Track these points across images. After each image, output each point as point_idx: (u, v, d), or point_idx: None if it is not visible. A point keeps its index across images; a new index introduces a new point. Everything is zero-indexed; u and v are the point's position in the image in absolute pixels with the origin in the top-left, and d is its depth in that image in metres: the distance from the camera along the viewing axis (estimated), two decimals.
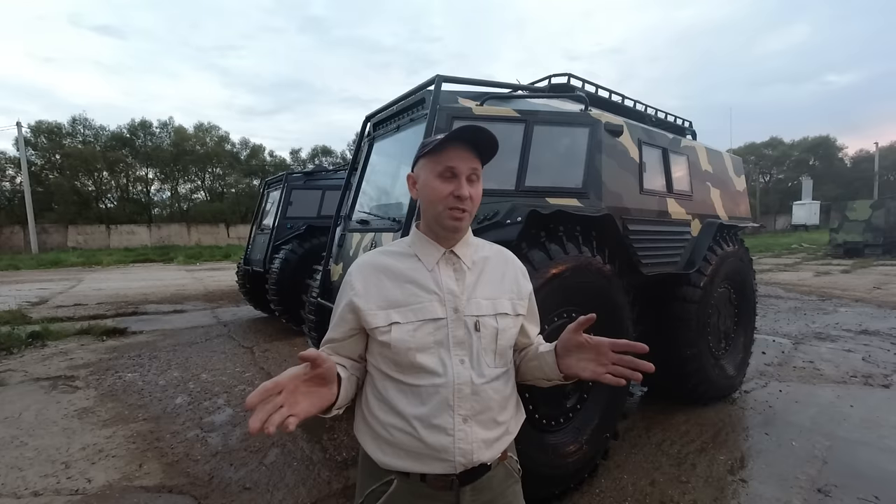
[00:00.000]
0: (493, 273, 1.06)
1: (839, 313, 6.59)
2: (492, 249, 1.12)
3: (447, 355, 0.97)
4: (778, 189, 46.63)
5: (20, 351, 5.21)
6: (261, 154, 38.05)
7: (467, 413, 0.96)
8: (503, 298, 1.05)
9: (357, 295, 0.99)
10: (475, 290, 1.02)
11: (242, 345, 5.45)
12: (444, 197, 0.97)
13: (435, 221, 1.00)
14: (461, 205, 0.96)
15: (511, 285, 1.08)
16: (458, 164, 0.96)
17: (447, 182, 0.97)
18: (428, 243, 1.03)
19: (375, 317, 0.97)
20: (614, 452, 2.62)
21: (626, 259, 2.53)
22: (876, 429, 2.90)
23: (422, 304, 0.98)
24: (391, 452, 0.97)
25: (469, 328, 0.99)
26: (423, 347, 0.96)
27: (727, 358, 3.41)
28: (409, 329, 0.96)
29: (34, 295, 9.74)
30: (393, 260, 1.03)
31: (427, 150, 0.99)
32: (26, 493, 2.37)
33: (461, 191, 0.96)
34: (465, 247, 1.05)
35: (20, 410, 3.46)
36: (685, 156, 3.23)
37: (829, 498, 2.20)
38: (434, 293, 0.99)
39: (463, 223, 0.99)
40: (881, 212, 15.11)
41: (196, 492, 2.39)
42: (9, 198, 29.17)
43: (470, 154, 0.98)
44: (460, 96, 2.55)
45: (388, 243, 1.11)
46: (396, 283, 1.00)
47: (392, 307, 0.98)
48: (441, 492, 0.96)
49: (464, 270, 1.03)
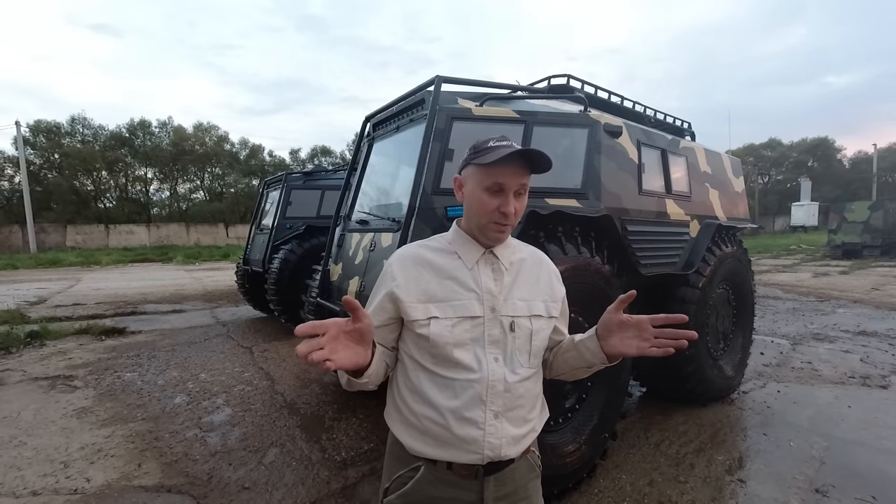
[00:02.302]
0: (528, 275, 1.08)
1: (837, 314, 6.60)
2: (527, 251, 1.13)
3: (482, 352, 0.99)
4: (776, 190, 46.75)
5: (19, 350, 5.20)
6: (260, 154, 38.04)
7: (499, 409, 0.98)
8: (538, 300, 1.06)
9: (398, 286, 1.00)
10: (512, 291, 1.03)
11: (241, 345, 5.45)
12: (490, 211, 0.97)
13: (478, 230, 1.02)
14: (505, 220, 0.98)
15: (545, 288, 1.10)
16: (508, 180, 0.96)
17: (494, 196, 0.97)
18: (469, 242, 1.04)
19: (415, 309, 0.99)
20: (613, 453, 2.62)
21: (625, 260, 2.54)
22: (874, 429, 2.91)
23: (461, 301, 0.99)
24: (421, 440, 0.99)
25: (504, 328, 1.00)
26: (459, 343, 0.98)
27: (725, 359, 3.41)
28: (447, 324, 0.98)
29: (33, 294, 9.71)
30: (434, 255, 1.04)
31: (478, 161, 0.97)
32: (25, 493, 2.36)
33: (507, 207, 0.96)
34: (504, 248, 1.06)
35: (19, 410, 3.46)
36: (684, 157, 3.24)
37: (826, 498, 2.20)
38: (473, 291, 1.00)
39: (505, 236, 1.02)
40: (879, 213, 15.16)
41: (195, 491, 2.38)
42: (7, 197, 29.14)
43: (522, 169, 0.97)
44: (460, 97, 2.55)
45: (430, 238, 1.11)
46: (437, 278, 1.01)
47: (431, 301, 0.99)
48: (466, 480, 0.99)
49: (502, 271, 1.04)
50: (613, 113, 3.05)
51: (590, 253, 2.28)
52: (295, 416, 3.30)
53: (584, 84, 3.10)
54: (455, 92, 2.58)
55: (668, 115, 3.74)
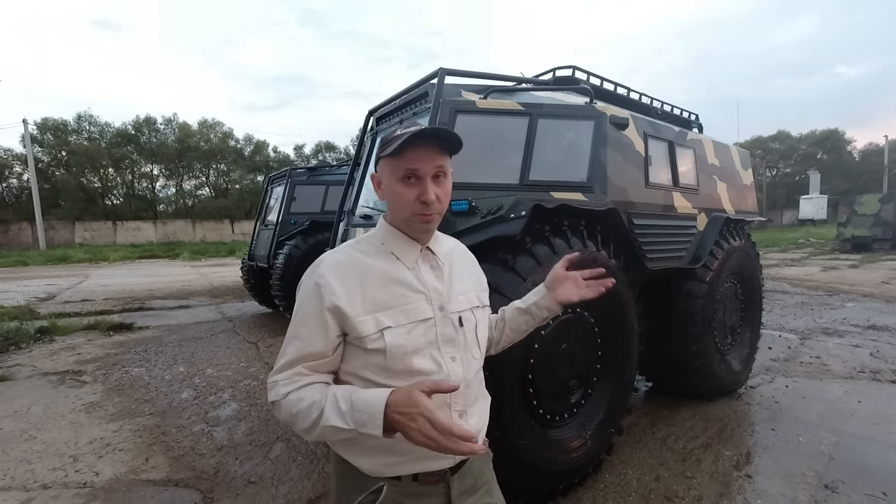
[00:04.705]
0: (460, 267, 1.07)
1: (846, 308, 6.52)
2: (451, 241, 1.11)
3: (439, 354, 0.95)
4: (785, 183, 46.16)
5: (28, 346, 5.27)
6: (265, 150, 38.06)
7: (462, 408, 0.97)
8: (471, 292, 1.06)
9: (339, 299, 0.89)
10: (452, 286, 1.01)
11: (247, 340, 5.48)
12: (410, 203, 0.91)
13: (405, 226, 0.97)
14: (428, 210, 0.91)
15: (475, 277, 1.10)
16: (420, 165, 0.89)
17: (411, 187, 0.91)
18: (403, 239, 0.98)
19: (364, 324, 0.89)
20: (619, 448, 2.61)
21: (632, 253, 2.51)
22: (884, 424, 2.88)
23: (411, 304, 0.94)
24: (385, 460, 0.93)
25: (455, 325, 0.98)
26: (417, 349, 0.93)
27: (733, 353, 3.38)
28: (402, 332, 0.91)
29: (42, 290, 9.83)
30: (370, 259, 0.96)
31: (386, 153, 0.90)
32: (35, 486, 2.40)
33: (427, 195, 0.90)
34: (435, 242, 1.03)
35: (29, 405, 3.50)
36: (691, 149, 3.19)
37: (836, 494, 2.18)
38: (420, 292, 0.95)
39: (432, 226, 0.96)
40: (890, 206, 14.90)
41: (202, 485, 2.40)
42: (16, 195, 29.42)
43: (433, 151, 0.90)
44: (464, 89, 2.52)
45: (354, 239, 1.03)
46: (380, 283, 0.93)
47: (379, 310, 0.91)
48: (433, 486, 0.96)
49: (441, 267, 1.01)
50: (619, 105, 3.00)
51: (596, 247, 2.26)
52: None
53: (590, 75, 3.06)
54: (459, 84, 2.55)
55: (675, 106, 3.69)
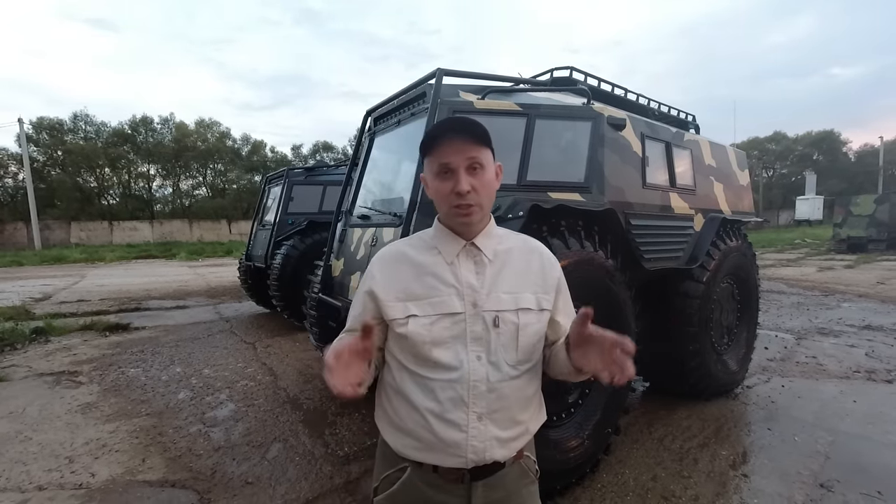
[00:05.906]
0: (516, 265, 1.02)
1: (842, 308, 6.56)
2: (517, 240, 1.07)
3: (463, 351, 0.94)
4: (781, 184, 46.34)
5: (24, 346, 5.23)
6: (262, 150, 37.96)
7: (482, 411, 0.93)
8: (526, 292, 1.00)
9: (377, 284, 0.99)
10: (496, 284, 0.98)
11: (244, 340, 5.46)
12: (446, 196, 0.94)
13: (447, 220, 1.00)
14: (463, 201, 0.93)
15: (536, 278, 1.02)
16: (451, 157, 0.92)
17: (445, 180, 0.94)
18: (448, 235, 1.00)
19: (393, 308, 0.96)
20: (616, 447, 2.62)
21: (629, 254, 2.52)
22: (879, 424, 2.90)
23: (440, 297, 0.96)
24: (405, 442, 0.97)
25: (487, 324, 0.95)
26: (439, 342, 0.94)
27: (730, 353, 3.40)
28: (425, 323, 0.94)
29: (38, 291, 9.77)
30: (414, 251, 1.02)
31: (422, 153, 0.97)
32: (31, 488, 2.38)
33: (460, 186, 0.92)
34: (486, 238, 1.01)
35: (24, 405, 3.48)
36: (688, 150, 3.21)
37: (831, 493, 2.19)
38: (452, 287, 0.96)
39: (472, 217, 0.96)
40: (885, 206, 15.02)
41: (199, 486, 2.39)
42: (12, 194, 29.21)
43: (466, 143, 0.93)
44: (461, 90, 2.53)
45: (413, 234, 1.09)
46: (416, 275, 0.98)
47: (410, 299, 0.96)
48: (452, 484, 0.96)
49: (485, 263, 0.99)
50: (617, 105, 3.02)
51: (593, 247, 2.26)
52: (298, 412, 3.30)
53: (587, 76, 3.06)
54: (457, 85, 2.56)
55: (671, 107, 3.70)
